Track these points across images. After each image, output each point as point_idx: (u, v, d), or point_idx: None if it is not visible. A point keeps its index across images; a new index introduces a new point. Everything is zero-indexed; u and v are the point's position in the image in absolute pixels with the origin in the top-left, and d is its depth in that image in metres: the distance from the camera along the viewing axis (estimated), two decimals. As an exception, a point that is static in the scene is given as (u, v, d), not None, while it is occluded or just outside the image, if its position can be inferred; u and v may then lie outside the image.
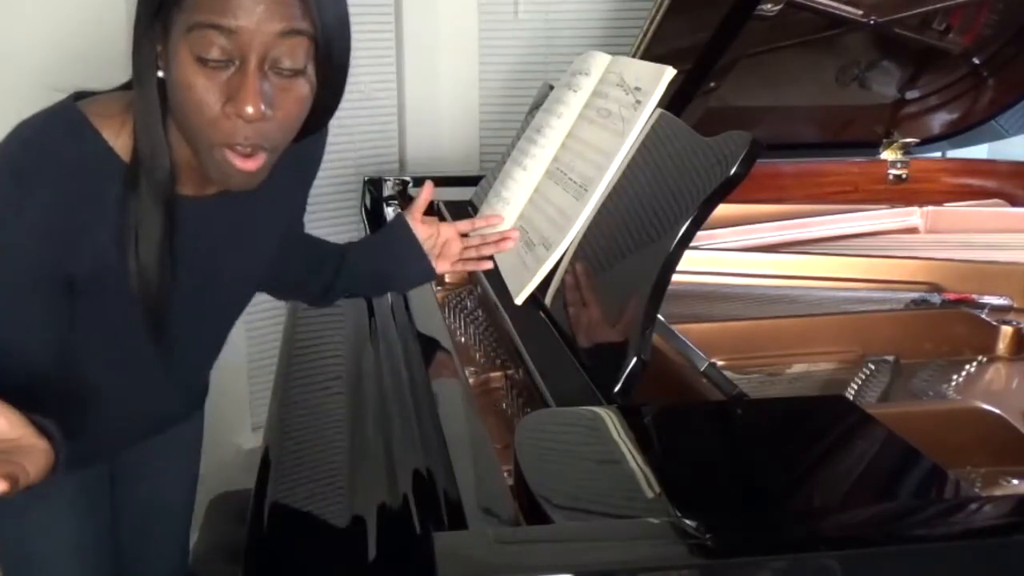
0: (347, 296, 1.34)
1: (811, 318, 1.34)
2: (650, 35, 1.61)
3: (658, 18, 1.60)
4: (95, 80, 0.98)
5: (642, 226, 1.07)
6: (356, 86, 2.31)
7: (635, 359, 0.96)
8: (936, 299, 1.44)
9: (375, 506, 0.97)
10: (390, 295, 1.43)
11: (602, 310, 1.09)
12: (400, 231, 1.24)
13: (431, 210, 1.43)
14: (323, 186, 2.31)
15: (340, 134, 2.33)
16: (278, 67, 0.83)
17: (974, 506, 0.78)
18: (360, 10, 2.27)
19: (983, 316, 1.32)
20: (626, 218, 1.11)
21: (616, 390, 0.96)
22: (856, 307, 1.43)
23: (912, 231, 1.88)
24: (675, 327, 1.15)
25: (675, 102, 1.70)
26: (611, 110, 1.25)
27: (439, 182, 1.41)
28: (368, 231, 1.81)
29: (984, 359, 1.26)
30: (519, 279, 1.24)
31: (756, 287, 1.53)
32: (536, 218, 1.30)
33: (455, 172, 2.12)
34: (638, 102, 1.19)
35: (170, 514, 1.33)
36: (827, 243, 1.79)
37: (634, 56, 1.56)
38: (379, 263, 1.27)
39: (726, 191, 0.98)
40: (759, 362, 1.25)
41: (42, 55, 1.71)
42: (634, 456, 0.81)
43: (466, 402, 1.10)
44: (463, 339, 1.34)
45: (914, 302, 1.43)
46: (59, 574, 1.16)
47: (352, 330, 1.40)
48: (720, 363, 1.18)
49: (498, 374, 1.19)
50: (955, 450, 0.96)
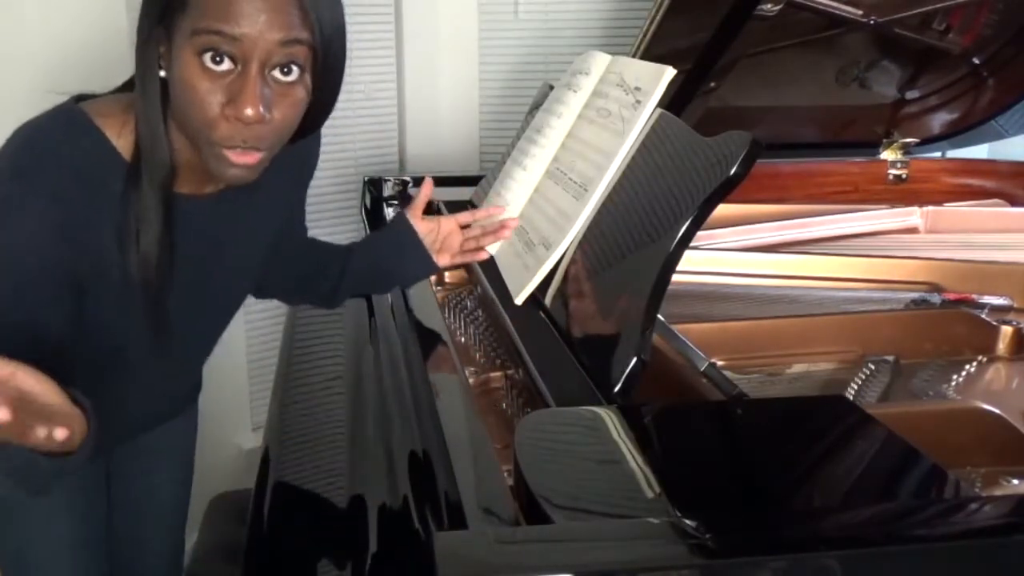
0: (353, 295, 1.36)
1: (811, 318, 1.34)
2: (650, 35, 1.61)
3: (658, 18, 1.60)
4: (95, 83, 0.99)
5: (642, 226, 1.07)
6: (356, 86, 2.31)
7: (635, 359, 0.96)
8: (936, 299, 1.44)
9: (375, 506, 0.97)
10: (390, 295, 1.43)
11: (602, 310, 1.08)
12: (401, 227, 1.26)
13: (432, 210, 1.43)
14: (323, 186, 2.31)
15: (340, 134, 2.33)
16: (277, 73, 0.86)
17: (974, 506, 0.78)
18: (360, 10, 2.27)
19: (983, 316, 1.32)
20: (626, 218, 1.11)
21: (616, 390, 0.96)
22: (856, 307, 1.43)
23: (912, 231, 1.88)
24: (675, 327, 1.15)
25: (675, 102, 1.70)
26: (611, 110, 1.25)
27: (439, 182, 1.42)
28: (368, 231, 1.81)
29: (984, 359, 1.26)
30: (519, 279, 1.24)
31: (756, 287, 1.52)
32: (536, 218, 1.30)
33: (455, 172, 2.12)
34: (638, 102, 1.19)
35: (165, 511, 1.34)
36: (827, 243, 1.79)
37: (634, 56, 1.56)
38: (382, 260, 1.29)
39: (726, 191, 0.98)
40: (759, 362, 1.25)
41: (43, 59, 1.70)
42: (634, 456, 0.81)
43: (466, 402, 1.10)
44: (463, 339, 1.34)
45: (914, 302, 1.43)
46: (57, 572, 1.16)
47: (352, 330, 1.40)
48: (720, 363, 1.18)
49: (498, 374, 1.19)
50: (955, 450, 0.96)
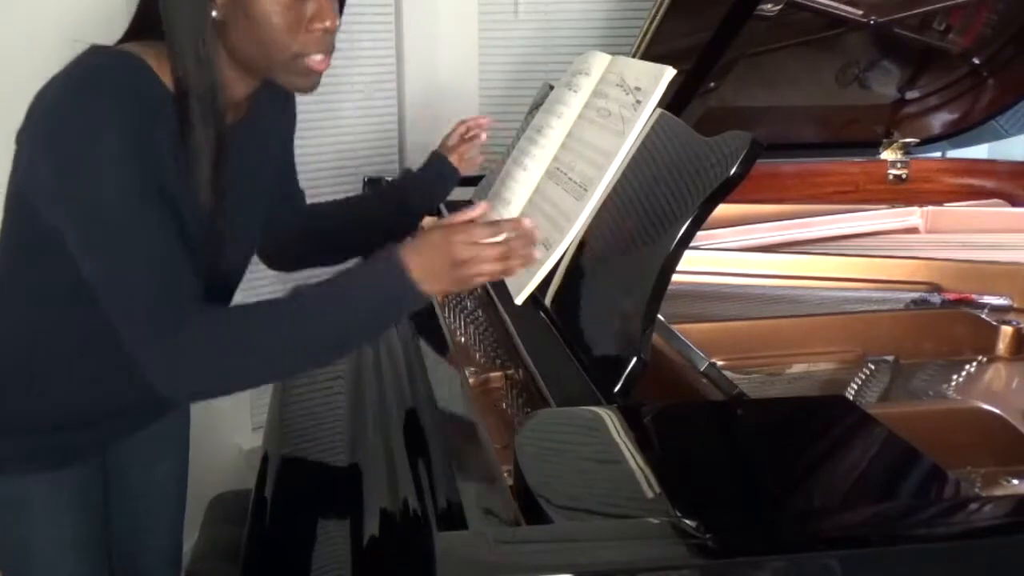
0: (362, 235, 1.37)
1: (811, 318, 1.34)
2: (650, 35, 1.61)
3: (658, 18, 1.60)
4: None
5: (642, 226, 1.07)
6: (356, 86, 2.31)
7: (635, 359, 0.96)
8: (936, 299, 1.44)
9: (375, 506, 0.97)
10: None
11: (602, 310, 1.08)
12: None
13: (432, 210, 1.43)
14: (323, 186, 2.30)
15: (340, 134, 2.33)
16: None
17: (974, 506, 0.78)
18: (360, 10, 2.27)
19: (983, 316, 1.32)
20: (626, 218, 1.11)
21: (616, 390, 0.96)
22: (856, 307, 1.43)
23: (912, 231, 1.87)
24: (675, 327, 1.15)
25: (675, 102, 1.70)
26: (611, 110, 1.25)
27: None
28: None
29: (984, 359, 1.26)
30: (519, 279, 1.24)
31: (756, 287, 1.52)
32: (536, 218, 1.30)
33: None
34: (638, 102, 1.19)
35: (163, 506, 1.35)
36: (827, 243, 1.79)
37: (634, 56, 1.56)
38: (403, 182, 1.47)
39: (726, 191, 0.99)
40: (759, 362, 1.25)
41: (43, 55, 1.70)
42: (634, 456, 0.81)
43: (466, 402, 1.10)
44: (463, 339, 1.34)
45: (914, 302, 1.43)
46: (57, 570, 1.17)
47: (352, 330, 1.40)
48: (720, 363, 1.18)
49: (498, 374, 1.19)
50: (955, 450, 0.96)
